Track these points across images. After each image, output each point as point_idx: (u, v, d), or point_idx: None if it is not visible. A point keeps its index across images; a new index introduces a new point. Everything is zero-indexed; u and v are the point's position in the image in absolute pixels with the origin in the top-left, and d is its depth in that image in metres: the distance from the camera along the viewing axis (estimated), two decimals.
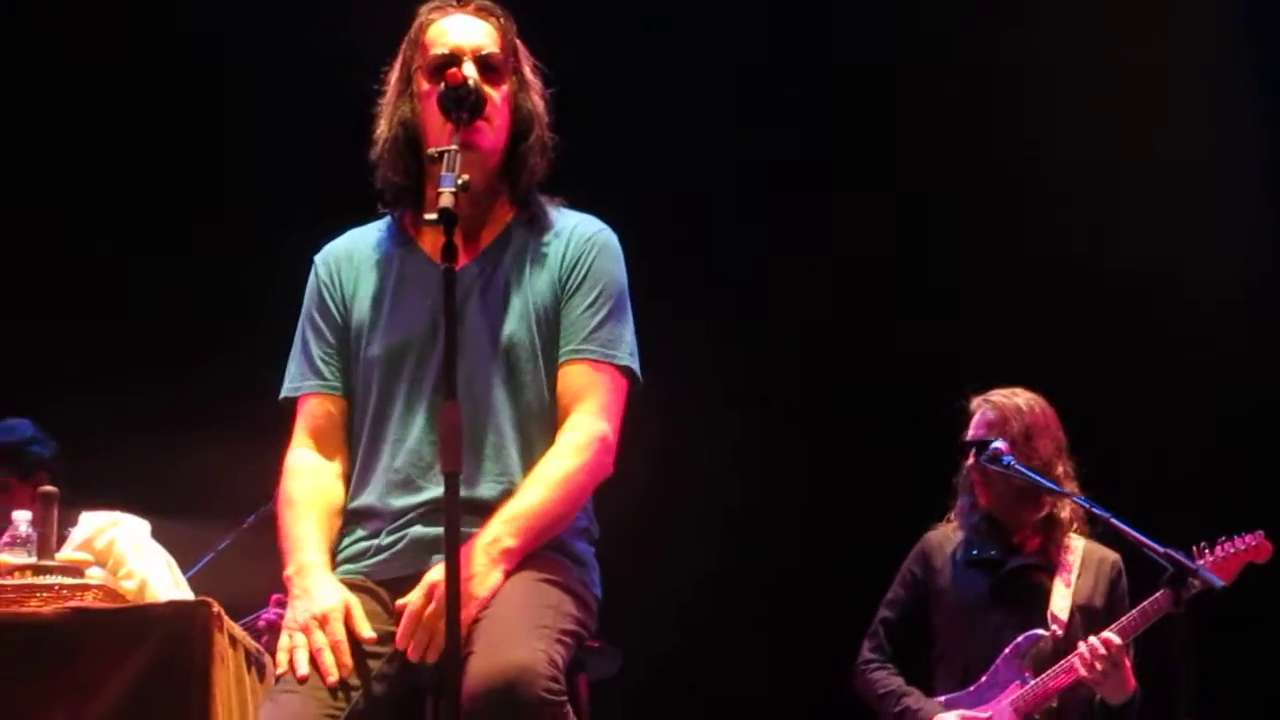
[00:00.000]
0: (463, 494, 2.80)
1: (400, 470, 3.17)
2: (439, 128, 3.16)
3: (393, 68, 3.35)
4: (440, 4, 3.34)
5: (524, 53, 3.35)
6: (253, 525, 4.98)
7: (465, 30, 3.28)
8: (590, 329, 3.23)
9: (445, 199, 2.82)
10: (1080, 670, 4.60)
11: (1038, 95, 6.49)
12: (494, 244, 3.29)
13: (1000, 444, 4.74)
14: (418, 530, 3.13)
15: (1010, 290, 6.50)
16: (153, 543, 3.38)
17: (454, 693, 2.71)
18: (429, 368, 3.18)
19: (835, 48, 6.60)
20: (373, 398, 3.23)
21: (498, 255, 3.28)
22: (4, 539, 3.22)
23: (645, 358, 3.30)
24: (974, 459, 4.80)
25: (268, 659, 3.30)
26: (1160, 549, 4.16)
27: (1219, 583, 4.25)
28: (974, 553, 4.90)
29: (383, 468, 3.19)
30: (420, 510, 3.14)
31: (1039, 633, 4.74)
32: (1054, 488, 4.71)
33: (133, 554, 3.30)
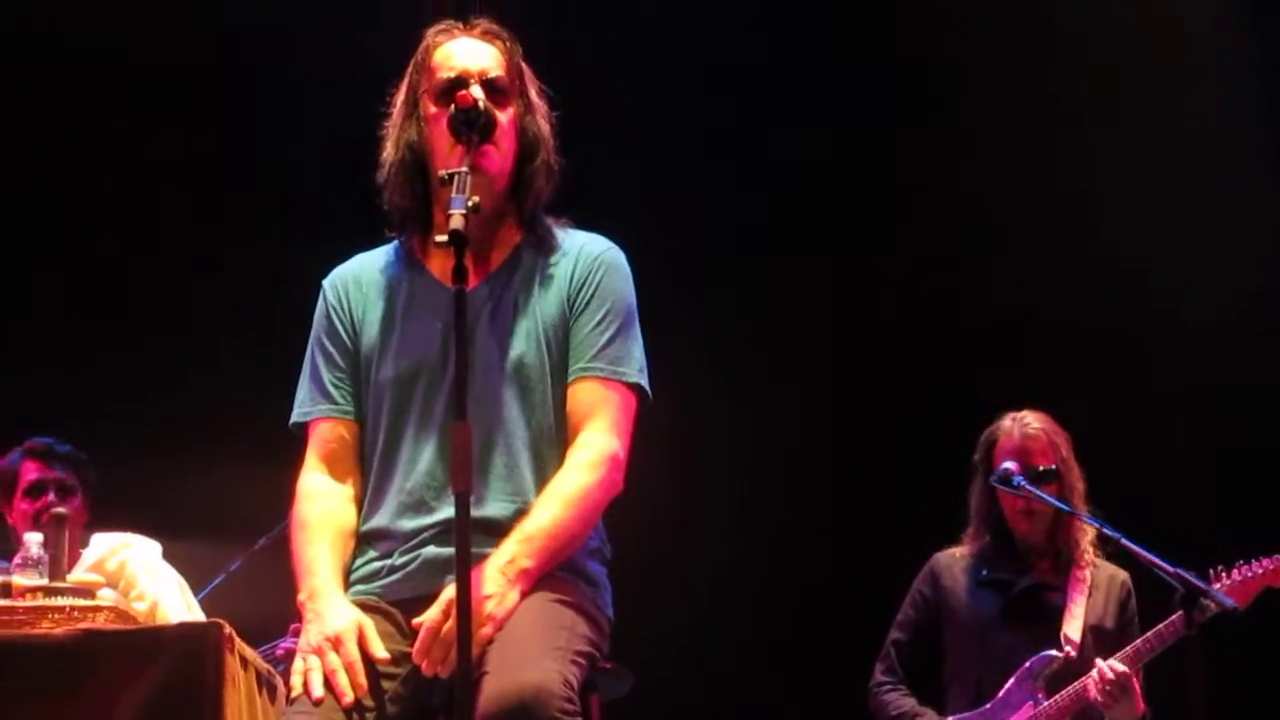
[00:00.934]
0: (475, 514, 2.82)
1: (413, 492, 3.17)
2: (448, 150, 3.16)
3: (398, 91, 3.35)
4: (446, 28, 3.34)
5: (529, 75, 3.35)
6: (265, 548, 4.97)
7: (472, 53, 3.28)
8: (599, 347, 3.23)
9: (456, 220, 2.82)
10: (1092, 694, 4.60)
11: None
12: (503, 266, 3.29)
13: (1010, 465, 4.74)
14: (431, 550, 3.13)
15: (1019, 312, 6.49)
16: (164, 564, 3.38)
17: (467, 713, 2.71)
18: (440, 390, 3.18)
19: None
20: (384, 421, 3.23)
21: (507, 277, 3.28)
22: (15, 560, 3.23)
23: (659, 376, 3.30)
24: (1023, 484, 4.73)
25: (279, 681, 3.30)
26: (1171, 569, 4.15)
27: (1230, 603, 4.24)
28: (984, 573, 4.90)
29: (395, 489, 3.19)
30: (433, 531, 3.13)
31: (1052, 654, 4.73)
32: (1063, 507, 4.71)
33: (144, 575, 3.30)
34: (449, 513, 3.04)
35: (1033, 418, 4.89)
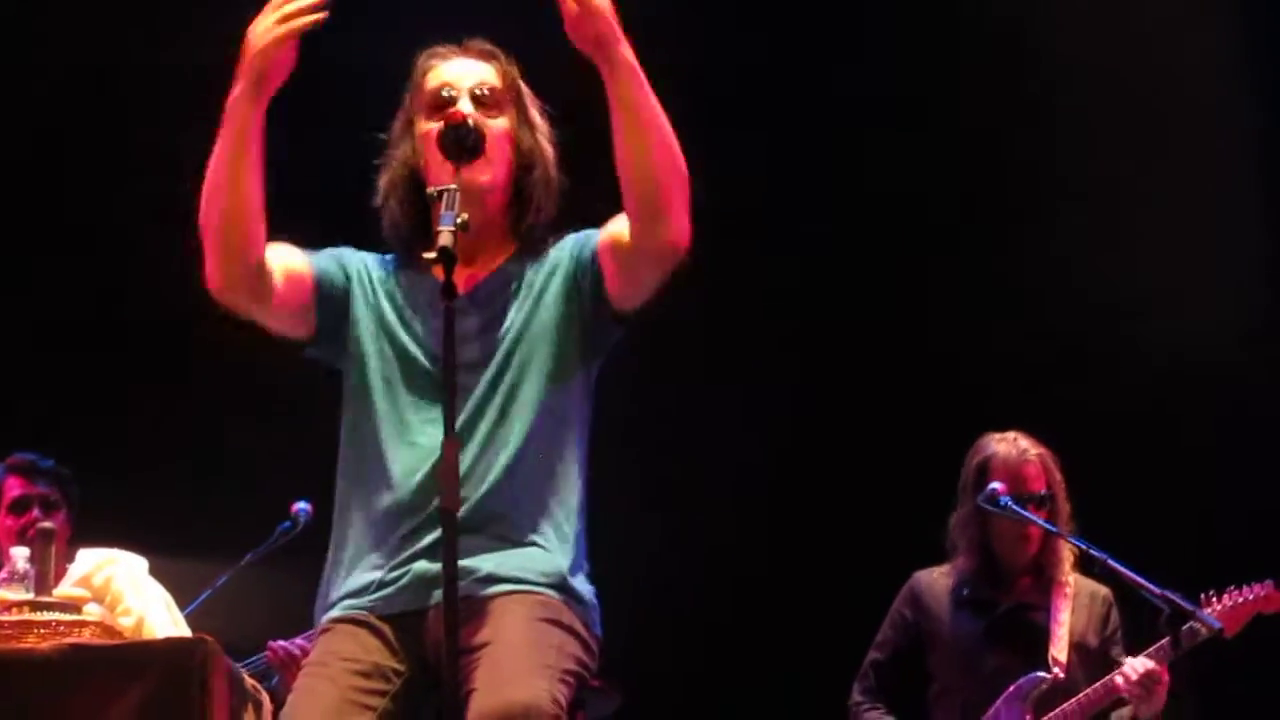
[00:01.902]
0: (461, 515, 2.79)
1: (401, 508, 3.15)
2: (439, 166, 3.16)
3: (396, 117, 3.36)
4: (442, 50, 3.35)
5: (529, 95, 3.35)
6: (251, 564, 4.96)
7: (464, 71, 3.29)
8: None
9: (444, 238, 2.82)
10: (1120, 687, 4.53)
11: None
12: (495, 281, 3.28)
13: (997, 485, 4.74)
14: (421, 565, 3.10)
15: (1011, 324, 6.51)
16: (151, 580, 3.38)
17: None
18: (427, 405, 3.17)
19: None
20: (368, 435, 3.21)
21: (500, 292, 3.27)
22: (1, 575, 3.22)
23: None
24: (1010, 505, 4.72)
25: (264, 696, 3.30)
26: (1158, 590, 4.15)
27: (1217, 625, 4.25)
28: (964, 592, 4.89)
29: (382, 506, 3.17)
30: (423, 547, 3.11)
31: (1041, 675, 4.72)
32: (1055, 530, 4.72)
33: (130, 591, 3.30)
34: (437, 530, 3.03)
35: (1025, 441, 4.87)
